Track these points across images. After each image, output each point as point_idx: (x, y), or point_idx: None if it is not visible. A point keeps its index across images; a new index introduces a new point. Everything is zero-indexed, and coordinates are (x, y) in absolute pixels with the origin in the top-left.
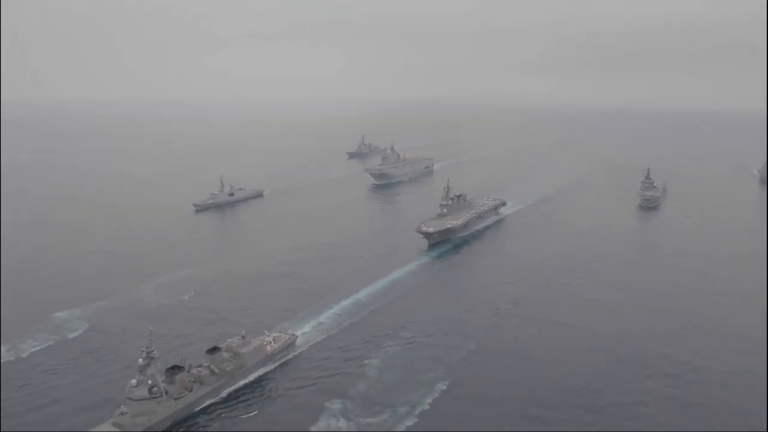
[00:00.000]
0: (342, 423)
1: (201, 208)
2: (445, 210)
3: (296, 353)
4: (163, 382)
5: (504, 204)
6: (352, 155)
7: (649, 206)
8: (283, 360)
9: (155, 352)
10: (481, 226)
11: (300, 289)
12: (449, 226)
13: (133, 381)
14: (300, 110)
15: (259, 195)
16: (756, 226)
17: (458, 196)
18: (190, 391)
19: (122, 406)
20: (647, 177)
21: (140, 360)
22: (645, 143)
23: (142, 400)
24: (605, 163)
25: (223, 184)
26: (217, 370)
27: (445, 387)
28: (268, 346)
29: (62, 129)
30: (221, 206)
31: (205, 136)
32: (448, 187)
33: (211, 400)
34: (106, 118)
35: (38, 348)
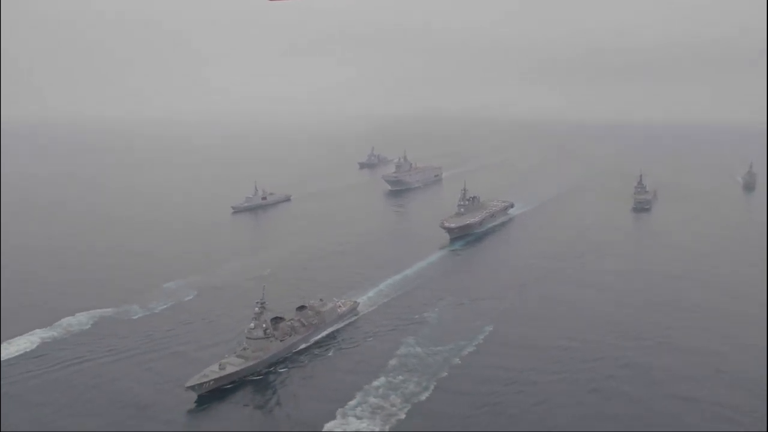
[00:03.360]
0: (418, 350)
1: (237, 210)
2: (462, 209)
3: (360, 315)
4: (269, 328)
5: (512, 205)
6: (363, 165)
7: (641, 208)
8: (352, 319)
9: (267, 303)
10: (493, 224)
11: (352, 270)
12: (469, 222)
13: (252, 324)
14: (305, 125)
15: (288, 199)
16: (735, 223)
17: (473, 198)
18: (289, 336)
19: (243, 344)
20: (640, 182)
21: (256, 309)
22: (639, 153)
23: (258, 339)
24: (602, 170)
25: (257, 189)
26: (305, 323)
27: (491, 329)
28: (339, 308)
29: (85, 144)
30: (255, 209)
31: (217, 148)
32: (465, 190)
33: (303, 345)
34: (128, 134)
35: (164, 307)
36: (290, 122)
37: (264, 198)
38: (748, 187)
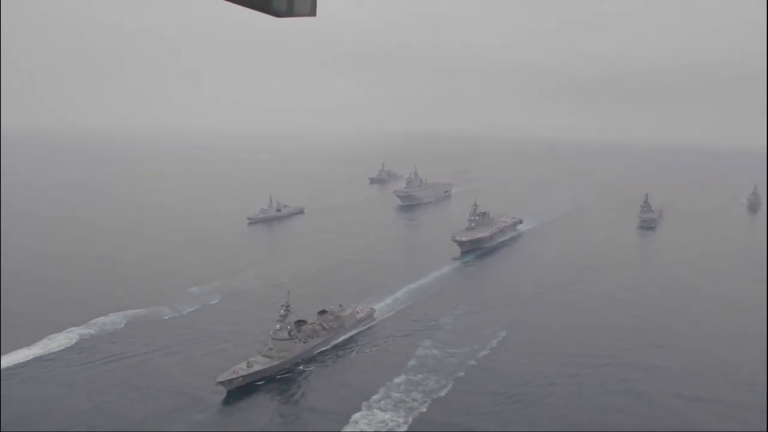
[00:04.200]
0: (435, 352)
1: (253, 221)
2: (473, 224)
3: (377, 321)
4: (293, 330)
5: (521, 222)
6: (373, 180)
7: (647, 226)
8: (369, 325)
9: (291, 306)
10: (503, 239)
11: (367, 279)
12: (479, 236)
13: (277, 326)
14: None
15: (301, 212)
16: (739, 241)
17: (483, 213)
18: (311, 338)
19: (269, 344)
20: (646, 201)
21: (281, 311)
22: (646, 174)
23: (283, 340)
24: (609, 190)
25: (271, 201)
26: (326, 327)
27: (504, 335)
28: (357, 314)
29: (96, 154)
30: (270, 220)
31: (226, 162)
32: (475, 205)
33: (324, 348)
34: (134, 144)
35: (192, 309)
36: (297, 135)
37: (279, 210)
38: (753, 208)
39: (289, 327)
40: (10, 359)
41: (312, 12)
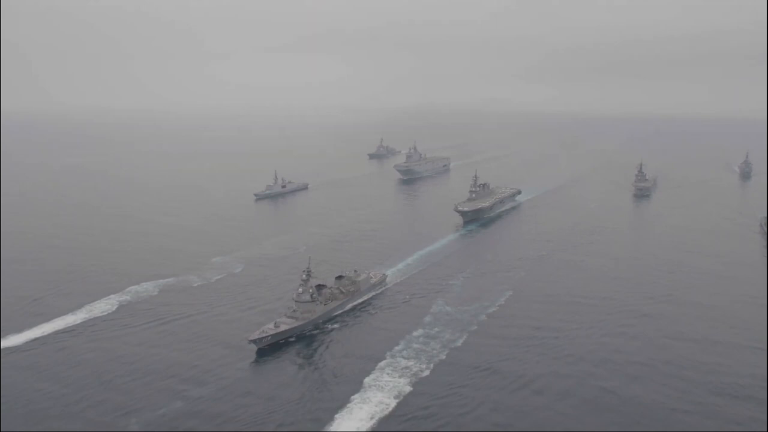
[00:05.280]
0: (449, 309)
1: (260, 197)
2: (473, 195)
3: (389, 286)
4: (314, 293)
5: (519, 192)
6: (372, 156)
7: (641, 195)
8: (382, 289)
9: (313, 271)
10: (503, 209)
11: (376, 247)
12: (480, 206)
13: (300, 290)
14: (310, 116)
15: (305, 188)
16: (731, 206)
17: (483, 185)
18: (331, 301)
19: (293, 306)
20: (640, 171)
21: (303, 275)
22: (640, 145)
23: (306, 302)
24: (604, 161)
25: (276, 178)
26: (343, 291)
27: (510, 293)
28: (371, 279)
29: (101, 136)
30: (275, 196)
31: (226, 140)
32: (476, 177)
33: (341, 311)
34: (139, 126)
35: (219, 277)
36: (291, 114)
37: (284, 186)
38: (745, 175)
39: (311, 290)
40: (59, 323)
41: None
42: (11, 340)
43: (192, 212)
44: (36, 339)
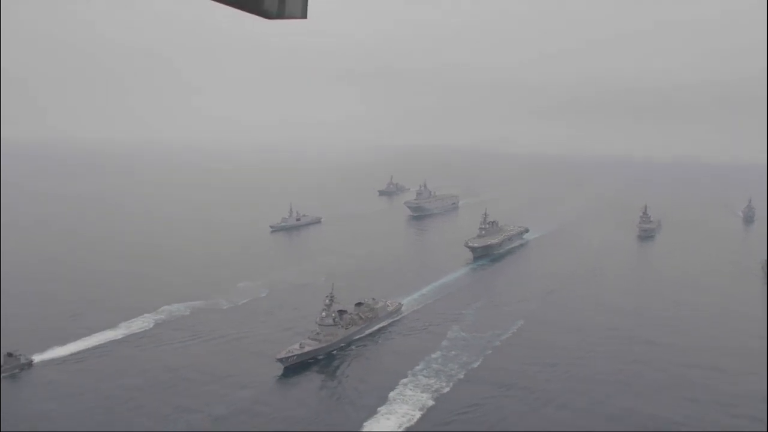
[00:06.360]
0: (464, 335)
1: (275, 229)
2: (483, 232)
3: (405, 314)
4: (336, 317)
5: (527, 230)
6: (382, 193)
7: (646, 236)
8: (399, 317)
9: (335, 297)
10: (511, 246)
11: (392, 279)
12: (490, 242)
13: (323, 314)
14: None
15: (319, 221)
16: (734, 250)
17: (492, 222)
18: (351, 326)
19: (316, 329)
20: (645, 212)
21: (326, 300)
22: (645, 186)
23: (329, 326)
24: (610, 202)
25: (291, 211)
26: (363, 317)
27: (522, 323)
28: (388, 307)
29: (103, 166)
30: (290, 228)
31: (237, 173)
32: (485, 214)
33: (360, 335)
34: (145, 158)
35: (245, 301)
36: (301, 151)
37: (298, 219)
38: (748, 219)
39: (333, 315)
40: (104, 336)
41: (303, 14)
42: (67, 349)
43: (211, 241)
44: (72, 354)
